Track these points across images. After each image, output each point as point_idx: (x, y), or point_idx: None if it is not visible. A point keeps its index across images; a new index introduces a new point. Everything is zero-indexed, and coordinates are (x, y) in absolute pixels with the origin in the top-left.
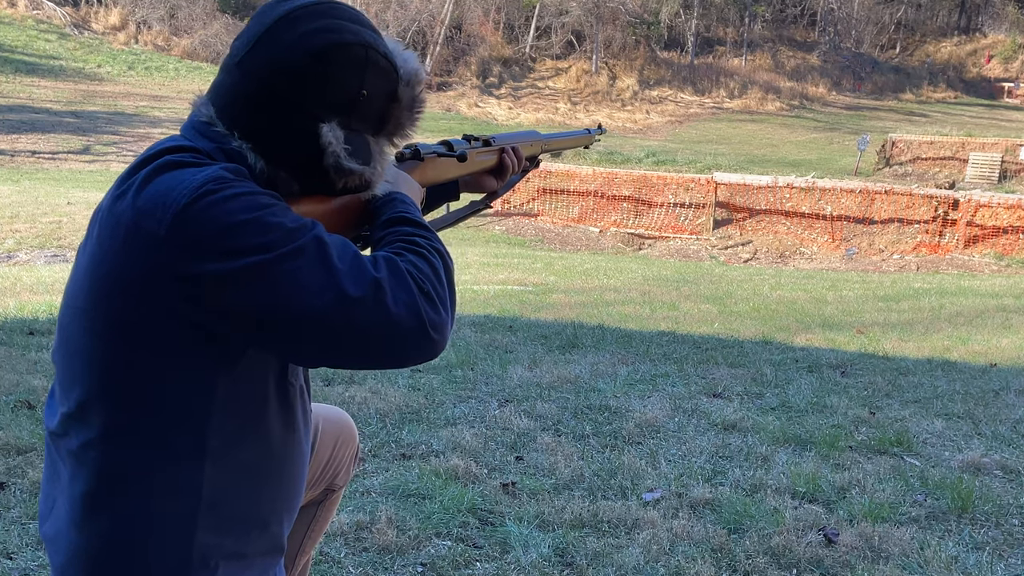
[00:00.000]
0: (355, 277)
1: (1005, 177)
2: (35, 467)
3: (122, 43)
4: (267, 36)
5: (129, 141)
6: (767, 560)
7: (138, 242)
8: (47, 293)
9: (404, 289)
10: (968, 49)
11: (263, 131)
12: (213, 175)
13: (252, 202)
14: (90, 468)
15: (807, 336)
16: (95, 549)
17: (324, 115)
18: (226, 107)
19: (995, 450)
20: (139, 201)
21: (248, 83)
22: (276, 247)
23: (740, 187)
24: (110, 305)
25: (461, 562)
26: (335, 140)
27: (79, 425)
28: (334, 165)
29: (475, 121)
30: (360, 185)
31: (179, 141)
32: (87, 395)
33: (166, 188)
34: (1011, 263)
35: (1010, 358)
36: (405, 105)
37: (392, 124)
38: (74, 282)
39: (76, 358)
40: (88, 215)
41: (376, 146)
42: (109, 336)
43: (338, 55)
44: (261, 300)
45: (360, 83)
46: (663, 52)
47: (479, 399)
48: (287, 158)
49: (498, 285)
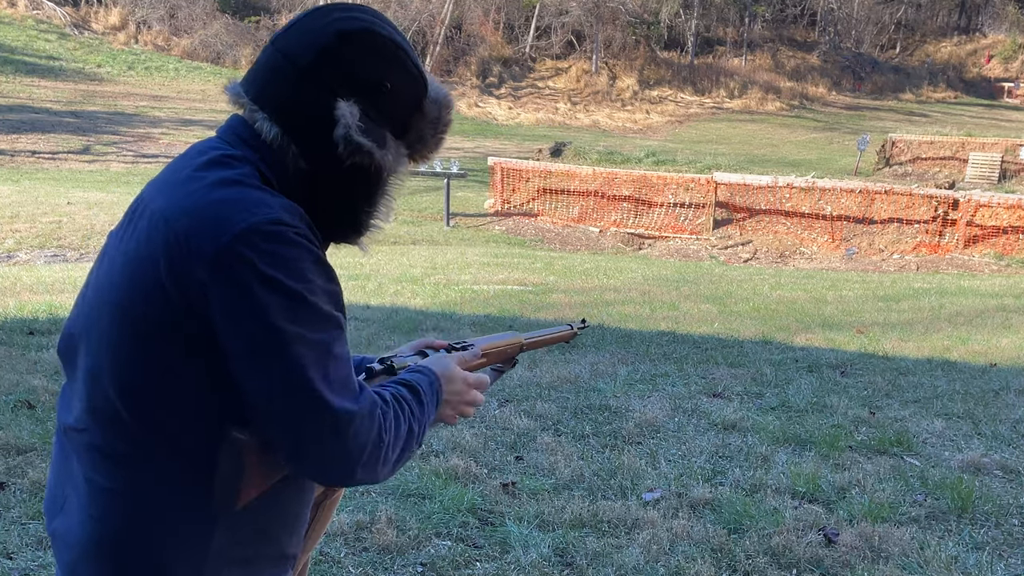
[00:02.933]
0: (339, 393)
1: (1005, 177)
2: (35, 467)
3: (122, 43)
4: (304, 19)
5: (129, 141)
6: (767, 560)
7: (190, 247)
8: (47, 293)
9: (368, 430)
10: (968, 49)
11: (283, 101)
12: (280, 216)
13: (304, 271)
14: (113, 464)
15: (807, 336)
16: (110, 545)
17: (345, 93)
18: (254, 81)
19: (995, 450)
20: (201, 208)
21: (278, 58)
22: (299, 324)
23: (740, 187)
24: (141, 307)
25: (461, 562)
26: (349, 115)
27: (103, 421)
28: (344, 136)
29: (475, 121)
30: (371, 167)
31: (232, 150)
32: (114, 391)
33: (234, 205)
34: (1011, 263)
35: (1010, 358)
36: (429, 120)
37: (414, 134)
38: (109, 275)
39: (103, 352)
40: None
41: (393, 143)
42: (141, 335)
43: (367, 40)
44: (251, 355)
45: (384, 74)
46: (663, 52)
47: None
48: (299, 127)
49: (498, 285)
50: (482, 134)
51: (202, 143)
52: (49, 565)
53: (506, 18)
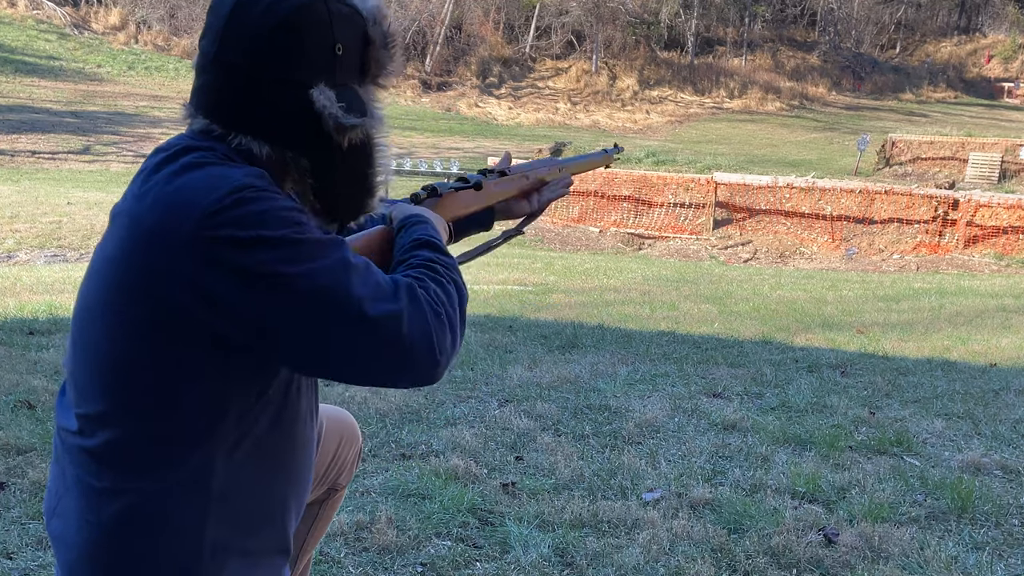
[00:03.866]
0: (375, 300)
1: (1005, 177)
2: (35, 467)
3: (122, 43)
4: (230, 25)
5: (129, 141)
6: (767, 560)
7: (159, 242)
8: (47, 293)
9: (420, 316)
10: (968, 49)
11: (259, 118)
12: (243, 182)
13: (284, 217)
14: (103, 464)
15: (807, 336)
16: (105, 544)
17: (310, 80)
18: (215, 108)
19: (995, 450)
20: (162, 200)
21: (228, 76)
22: (302, 261)
23: (740, 187)
24: (128, 306)
25: (461, 562)
26: (328, 102)
27: (95, 423)
28: (334, 125)
29: (475, 121)
30: (363, 140)
31: (195, 141)
32: (103, 394)
33: (192, 188)
34: (1011, 263)
35: (1010, 358)
36: (379, 44)
37: (373, 66)
38: (89, 283)
39: (92, 358)
40: (88, 215)
41: (366, 95)
42: (125, 336)
43: (303, 18)
44: (278, 312)
45: (332, 38)
46: (663, 52)
47: (479, 399)
48: (289, 135)
49: (498, 285)
50: (482, 134)
51: (169, 139)
52: (49, 565)
53: (506, 18)
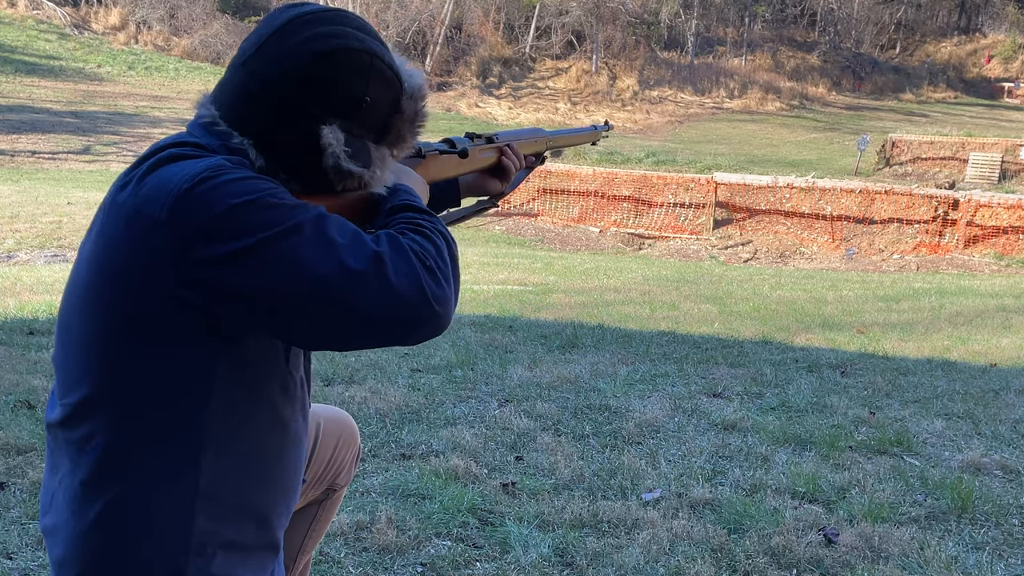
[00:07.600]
0: (356, 251)
1: (1005, 177)
2: (35, 467)
3: (122, 43)
4: (275, 38)
5: (129, 141)
6: (767, 560)
7: (138, 229)
8: (47, 293)
9: (405, 262)
10: (968, 49)
11: (265, 130)
12: (213, 163)
13: (251, 186)
14: (89, 457)
15: (807, 336)
16: (93, 537)
17: (326, 117)
18: (230, 106)
19: (995, 450)
20: (141, 190)
21: (252, 82)
22: (276, 224)
23: (740, 187)
24: (111, 294)
25: (461, 562)
26: (335, 141)
27: (80, 415)
28: (333, 167)
29: (475, 121)
30: (358, 188)
31: (183, 137)
32: (88, 385)
33: (167, 176)
34: (1011, 263)
35: (1010, 358)
36: (407, 117)
37: (393, 135)
38: (75, 275)
39: (77, 349)
40: (88, 215)
41: (376, 152)
42: (110, 325)
43: (343, 59)
44: (262, 279)
45: (364, 89)
46: (663, 52)
47: (479, 399)
48: (287, 157)
49: (498, 285)
50: None
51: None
52: (48, 564)
53: (506, 18)
